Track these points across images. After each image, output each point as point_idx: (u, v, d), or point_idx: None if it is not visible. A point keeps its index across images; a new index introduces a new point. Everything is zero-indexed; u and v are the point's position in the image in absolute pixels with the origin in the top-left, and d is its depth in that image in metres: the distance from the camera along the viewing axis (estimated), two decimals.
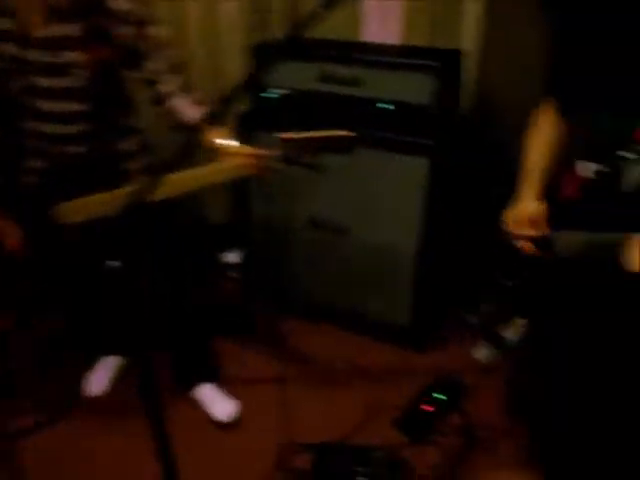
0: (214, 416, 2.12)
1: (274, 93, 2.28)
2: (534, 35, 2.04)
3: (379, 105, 2.11)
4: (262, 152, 1.58)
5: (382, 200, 2.20)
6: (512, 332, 2.37)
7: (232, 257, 2.87)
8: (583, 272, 1.31)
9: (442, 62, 2.05)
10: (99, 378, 2.26)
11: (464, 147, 2.33)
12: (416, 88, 2.04)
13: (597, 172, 1.28)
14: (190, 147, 0.97)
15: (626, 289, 1.19)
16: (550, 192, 1.43)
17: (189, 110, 1.69)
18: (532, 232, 1.37)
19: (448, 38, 2.43)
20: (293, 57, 2.19)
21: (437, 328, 2.52)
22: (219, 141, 1.61)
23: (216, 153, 1.62)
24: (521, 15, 2.25)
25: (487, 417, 2.09)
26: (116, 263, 0.98)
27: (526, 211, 1.41)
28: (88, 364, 2.31)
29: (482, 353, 2.35)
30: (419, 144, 2.08)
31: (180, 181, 1.44)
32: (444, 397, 2.15)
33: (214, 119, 0.94)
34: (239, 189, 2.53)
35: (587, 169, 1.31)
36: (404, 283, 2.27)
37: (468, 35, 2.40)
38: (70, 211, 1.44)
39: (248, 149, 1.59)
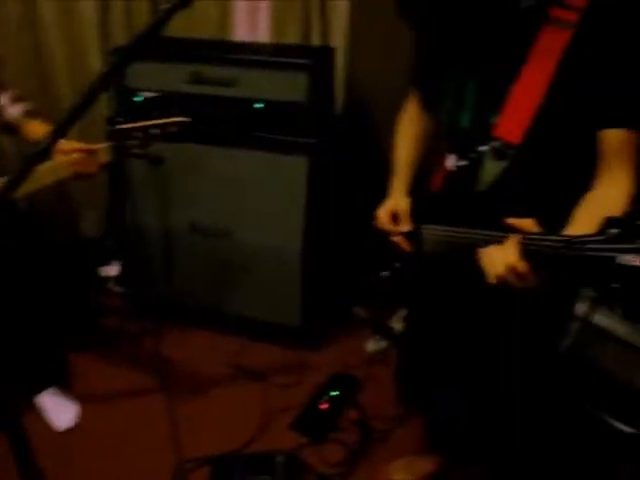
0: (52, 423, 2.03)
1: (140, 96, 2.18)
2: (402, 29, 2.10)
3: (255, 105, 2.06)
4: (89, 146, 1.53)
5: (264, 201, 2.17)
6: (399, 322, 2.44)
7: (112, 270, 2.73)
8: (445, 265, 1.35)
9: (315, 60, 2.04)
10: None
11: (341, 144, 2.34)
12: (291, 87, 2.01)
13: (457, 165, 1.32)
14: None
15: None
16: (422, 185, 1.48)
17: (9, 108, 1.66)
18: (397, 227, 1.40)
19: (318, 35, 2.45)
20: (163, 58, 2.09)
21: (328, 325, 2.52)
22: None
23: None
24: (388, 10, 2.30)
25: (382, 408, 2.13)
26: None
27: (391, 207, 1.44)
28: None
29: (373, 345, 2.39)
30: (297, 143, 2.07)
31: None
32: (339, 393, 2.18)
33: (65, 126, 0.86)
34: (112, 199, 2.40)
35: (451, 162, 1.35)
36: (292, 283, 2.26)
37: (338, 32, 2.43)
38: None
39: (74, 144, 1.52)
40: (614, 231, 0.81)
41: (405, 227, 1.40)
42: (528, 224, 1.01)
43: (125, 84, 2.19)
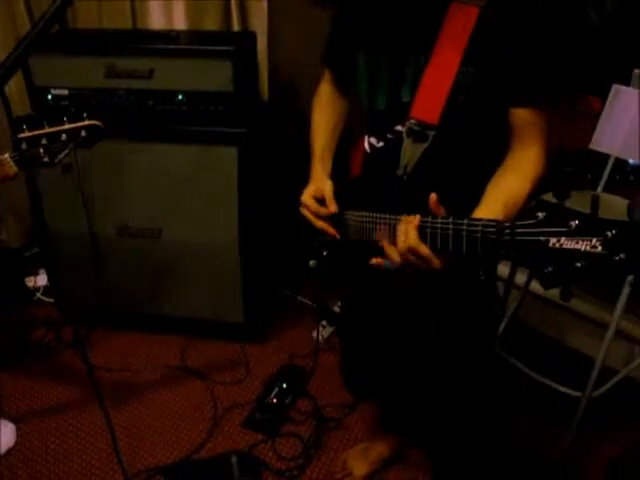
0: None
1: (51, 94, 2.04)
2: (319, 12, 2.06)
3: (178, 97, 1.97)
4: None
5: (195, 197, 2.09)
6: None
7: (40, 280, 2.59)
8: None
9: (238, 46, 1.97)
10: None
11: (269, 132, 2.28)
12: (215, 75, 1.93)
13: (371, 146, 1.30)
14: None
15: None
16: (341, 169, 1.45)
17: None
18: (324, 210, 1.36)
19: (237, 20, 2.37)
20: (74, 52, 1.97)
21: (272, 317, 2.48)
22: None
23: None
24: None
25: (333, 396, 2.12)
26: None
27: (314, 190, 1.40)
28: None
29: (320, 333, 2.37)
30: (225, 133, 1.99)
31: None
32: (287, 385, 2.15)
33: None
34: (33, 205, 2.25)
35: (368, 144, 1.33)
36: (231, 278, 2.19)
37: (257, 15, 2.35)
38: None
39: None
40: (542, 214, 0.81)
41: (332, 209, 1.36)
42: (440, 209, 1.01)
43: (34, 82, 2.05)
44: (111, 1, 2.34)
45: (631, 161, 2.15)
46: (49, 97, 2.05)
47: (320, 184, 1.40)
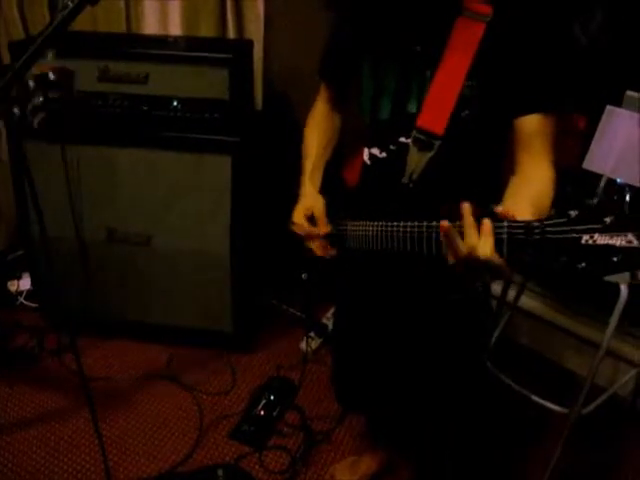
0: None
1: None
2: (318, 20, 2.06)
3: (173, 104, 1.95)
4: None
5: (187, 204, 2.06)
6: (331, 319, 2.41)
7: (23, 284, 2.54)
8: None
9: (235, 54, 1.95)
10: None
11: (263, 140, 2.27)
12: (211, 83, 1.91)
13: (372, 157, 1.30)
14: None
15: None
16: (334, 181, 1.44)
17: None
18: (315, 230, 1.36)
19: (233, 28, 2.35)
20: (68, 55, 1.93)
21: (263, 327, 2.46)
22: None
23: None
24: (306, 3, 2.25)
25: (321, 409, 2.11)
26: None
27: (306, 209, 1.40)
28: None
29: (308, 344, 2.35)
30: (219, 142, 1.97)
31: None
32: (275, 397, 2.13)
33: None
34: (18, 207, 2.21)
35: (368, 155, 1.33)
36: (221, 287, 2.17)
37: (253, 24, 2.34)
38: None
39: None
40: (574, 212, 0.81)
41: (323, 229, 1.36)
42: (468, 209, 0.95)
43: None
44: (106, 3, 2.31)
45: (619, 180, 2.17)
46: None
47: (311, 202, 1.40)
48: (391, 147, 1.25)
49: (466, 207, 0.93)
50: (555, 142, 1.15)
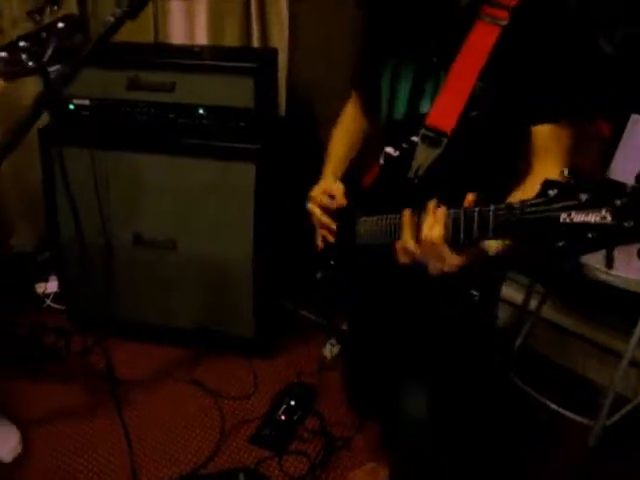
0: None
1: (73, 104, 2.06)
2: (341, 29, 2.09)
3: (199, 111, 1.99)
4: None
5: (211, 210, 2.09)
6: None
7: (50, 286, 2.59)
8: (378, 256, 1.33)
9: (260, 63, 1.98)
10: None
11: (286, 148, 2.29)
12: (236, 91, 1.95)
13: (385, 156, 1.32)
14: None
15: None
16: (356, 181, 1.46)
17: None
18: (329, 202, 1.39)
19: (257, 37, 2.39)
20: (98, 64, 1.98)
21: (283, 333, 2.48)
22: None
23: None
24: (327, 10, 2.28)
25: (340, 415, 2.10)
26: None
27: (325, 187, 1.43)
28: None
29: (329, 351, 2.36)
30: (243, 149, 2.00)
31: None
32: (296, 403, 2.14)
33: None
34: (48, 210, 2.27)
35: (383, 156, 1.35)
36: (243, 292, 2.19)
37: (278, 33, 2.38)
38: None
39: None
40: (553, 192, 0.82)
41: (342, 201, 1.38)
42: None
43: (59, 92, 2.07)
44: None
45: None
46: (71, 107, 2.07)
47: (330, 183, 1.43)
48: (403, 145, 1.27)
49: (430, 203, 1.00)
50: (572, 149, 1.15)
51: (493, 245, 1.01)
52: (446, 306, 1.30)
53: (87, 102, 2.05)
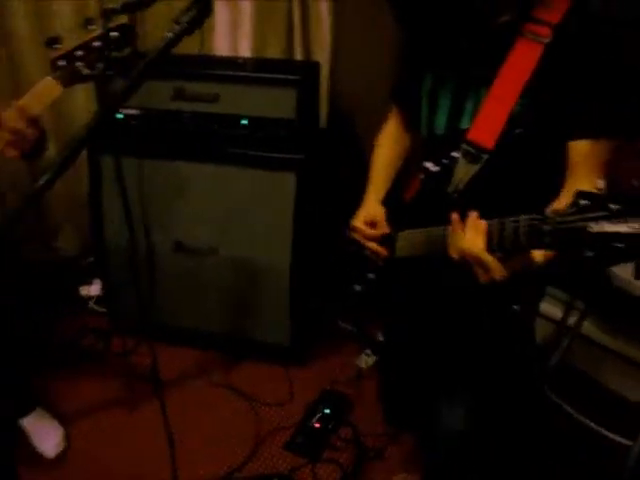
0: (39, 449, 1.99)
1: (121, 113, 2.13)
2: (383, 44, 2.11)
3: (241, 122, 2.03)
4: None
5: (251, 219, 2.14)
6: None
7: (93, 289, 2.67)
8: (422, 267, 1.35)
9: (303, 75, 2.02)
10: None
11: (327, 159, 2.32)
12: (278, 103, 1.99)
13: (425, 171, 1.34)
14: None
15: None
16: (397, 194, 1.49)
17: None
18: (373, 232, 1.42)
19: (300, 49, 2.43)
20: (147, 76, 2.04)
21: (317, 341, 2.50)
22: None
23: None
24: (370, 24, 2.31)
25: (374, 425, 2.10)
26: None
27: (366, 215, 1.46)
28: None
29: (364, 361, 2.37)
30: (284, 159, 2.04)
31: None
32: (331, 411, 2.16)
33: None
34: (92, 216, 2.34)
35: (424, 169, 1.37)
36: (280, 300, 2.22)
37: (321, 46, 2.41)
38: None
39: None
40: (585, 202, 0.82)
41: (383, 230, 1.42)
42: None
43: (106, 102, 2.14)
44: None
45: None
46: (119, 116, 2.13)
47: (372, 209, 1.46)
48: (444, 161, 1.29)
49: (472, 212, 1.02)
50: (608, 162, 1.15)
51: (537, 255, 1.03)
52: (488, 319, 1.30)
53: (134, 112, 2.12)
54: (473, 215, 1.02)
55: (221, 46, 2.49)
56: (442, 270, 1.20)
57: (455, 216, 1.05)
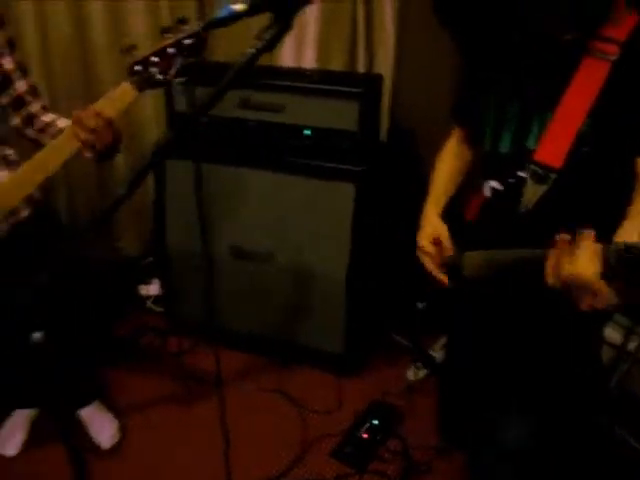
0: (94, 439, 2.06)
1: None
2: (446, 58, 2.11)
3: (304, 132, 2.07)
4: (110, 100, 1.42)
5: (309, 227, 2.17)
6: (439, 350, 2.41)
7: (152, 289, 2.75)
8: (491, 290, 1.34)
9: (366, 88, 2.05)
10: (12, 436, 2.07)
11: (387, 171, 2.34)
12: (341, 114, 2.02)
13: (492, 190, 1.34)
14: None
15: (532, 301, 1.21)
16: (457, 214, 1.48)
17: (59, 121, 1.64)
18: (438, 255, 1.41)
19: (363, 63, 2.46)
20: (211, 83, 2.10)
21: (370, 352, 2.50)
22: None
23: None
24: (433, 38, 2.31)
25: (423, 439, 2.09)
26: (39, 335, 0.91)
27: (431, 233, 1.45)
28: None
29: (413, 374, 2.37)
30: (344, 170, 2.07)
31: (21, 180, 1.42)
32: (379, 422, 2.16)
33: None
34: (156, 218, 2.42)
35: (488, 188, 1.37)
36: (335, 309, 2.25)
37: (384, 60, 2.43)
38: None
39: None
40: None
41: (449, 251, 1.41)
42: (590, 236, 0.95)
43: (175, 107, 2.22)
44: (249, 36, 2.48)
45: None
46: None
47: (436, 227, 1.45)
48: (510, 180, 1.29)
49: (589, 233, 0.93)
50: None
51: None
52: (575, 342, 1.28)
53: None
54: (589, 236, 0.94)
55: (286, 56, 2.54)
56: (521, 291, 1.18)
57: (564, 237, 0.97)
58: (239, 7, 0.95)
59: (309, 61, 2.51)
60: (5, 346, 1.85)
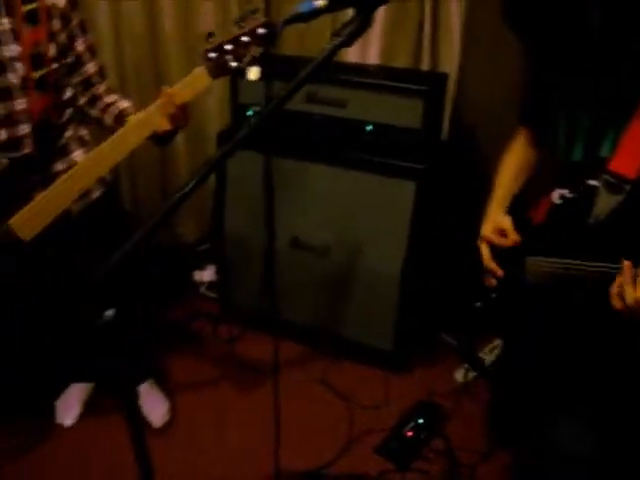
0: (147, 417, 2.13)
1: (251, 110, 2.24)
2: (511, 58, 2.08)
3: (367, 128, 2.08)
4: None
5: (367, 223, 2.18)
6: (490, 353, 2.38)
7: (207, 275, 2.81)
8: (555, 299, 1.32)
9: (430, 86, 2.05)
10: (70, 406, 2.16)
11: (448, 170, 2.33)
12: (405, 111, 2.03)
13: (562, 197, 1.31)
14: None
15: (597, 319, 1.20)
16: (522, 215, 1.46)
17: (122, 102, 1.70)
18: (504, 241, 1.41)
19: (428, 60, 2.44)
20: (277, 77, 2.14)
21: (419, 351, 2.50)
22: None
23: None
24: (499, 38, 2.28)
25: (468, 441, 2.08)
26: (111, 313, 0.94)
27: (495, 223, 1.45)
28: (56, 392, 2.21)
29: (462, 375, 2.35)
30: (405, 167, 2.07)
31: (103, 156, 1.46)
32: (425, 421, 2.15)
33: None
34: (215, 205, 2.48)
35: (557, 195, 1.34)
36: (387, 307, 2.25)
37: (449, 59, 2.41)
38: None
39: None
40: None
41: (514, 238, 1.40)
42: None
43: (238, 99, 2.26)
44: (316, 30, 2.50)
45: None
46: (249, 113, 2.24)
47: (500, 219, 1.45)
48: (581, 189, 1.27)
49: None
50: None
51: None
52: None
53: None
54: None
55: (350, 52, 2.55)
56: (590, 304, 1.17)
57: (628, 264, 1.02)
58: (320, 3, 0.96)
59: (373, 58, 2.51)
60: (76, 323, 1.93)
